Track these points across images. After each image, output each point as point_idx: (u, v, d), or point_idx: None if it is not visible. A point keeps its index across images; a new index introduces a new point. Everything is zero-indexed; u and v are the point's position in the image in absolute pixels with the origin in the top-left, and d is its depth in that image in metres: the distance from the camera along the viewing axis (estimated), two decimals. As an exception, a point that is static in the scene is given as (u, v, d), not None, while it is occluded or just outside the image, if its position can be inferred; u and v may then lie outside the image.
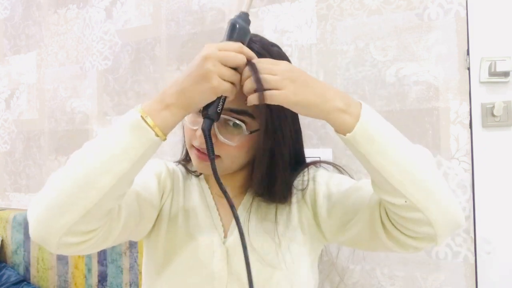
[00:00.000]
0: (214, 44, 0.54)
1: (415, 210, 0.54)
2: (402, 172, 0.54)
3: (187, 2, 1.27)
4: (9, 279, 1.35)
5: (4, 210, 1.51)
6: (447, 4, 0.97)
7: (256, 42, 0.66)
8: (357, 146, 0.55)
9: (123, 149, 0.52)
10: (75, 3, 1.48)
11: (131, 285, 1.19)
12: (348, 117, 0.55)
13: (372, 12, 1.03)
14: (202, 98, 0.54)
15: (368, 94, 1.03)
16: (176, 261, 0.70)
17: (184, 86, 0.53)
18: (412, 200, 0.54)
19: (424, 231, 0.56)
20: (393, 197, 0.55)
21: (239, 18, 0.58)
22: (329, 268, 1.05)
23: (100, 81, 1.42)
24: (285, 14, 1.13)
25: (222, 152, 0.65)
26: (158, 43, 1.32)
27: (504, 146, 0.92)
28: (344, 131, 0.55)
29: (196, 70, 0.52)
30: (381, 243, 0.62)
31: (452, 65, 0.96)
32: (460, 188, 0.95)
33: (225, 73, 0.53)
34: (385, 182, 0.54)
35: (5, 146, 1.63)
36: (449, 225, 0.56)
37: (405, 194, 0.54)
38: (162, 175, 0.75)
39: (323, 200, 0.71)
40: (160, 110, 0.53)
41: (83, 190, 0.50)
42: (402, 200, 0.54)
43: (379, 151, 0.54)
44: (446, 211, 0.56)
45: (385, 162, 0.54)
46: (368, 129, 0.54)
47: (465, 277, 0.94)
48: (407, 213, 0.55)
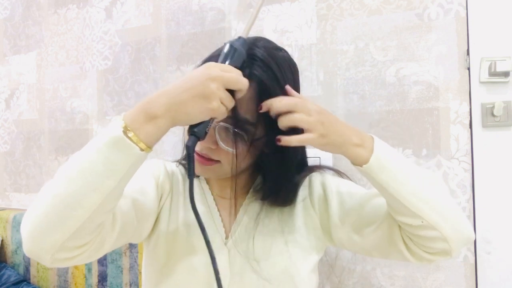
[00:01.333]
0: (218, 65, 0.54)
1: (431, 229, 0.59)
2: (417, 196, 0.59)
3: (187, 2, 1.27)
4: (9, 279, 1.35)
5: (4, 210, 1.51)
6: (447, 4, 0.97)
7: (260, 47, 0.64)
8: (374, 176, 0.59)
9: (107, 167, 0.49)
10: (75, 3, 1.48)
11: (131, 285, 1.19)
12: (363, 150, 0.59)
13: (372, 12, 1.03)
14: (196, 116, 0.53)
15: (368, 94, 1.03)
16: (177, 263, 0.70)
17: (179, 100, 0.51)
18: (429, 221, 0.58)
19: (440, 247, 0.61)
20: (410, 218, 0.59)
21: (238, 42, 0.58)
22: (329, 268, 1.05)
23: (100, 81, 1.42)
24: (285, 14, 1.13)
25: (222, 157, 0.65)
26: (158, 43, 1.32)
27: (504, 146, 0.92)
28: (360, 163, 0.59)
29: (198, 88, 0.51)
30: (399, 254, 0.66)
31: (452, 65, 0.96)
32: (460, 188, 0.95)
33: (225, 98, 0.53)
34: (402, 206, 0.59)
35: (5, 146, 1.63)
36: (462, 239, 0.61)
37: (422, 215, 0.58)
38: (161, 178, 0.74)
39: (336, 207, 0.71)
40: (144, 122, 0.51)
41: (70, 209, 0.49)
42: (419, 221, 0.59)
43: (394, 179, 0.59)
44: (458, 227, 0.60)
45: (400, 188, 0.58)
46: (382, 159, 0.59)
47: (465, 277, 0.94)
48: (424, 232, 0.60)
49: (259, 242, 0.70)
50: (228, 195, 0.75)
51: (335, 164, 1.05)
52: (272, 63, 0.63)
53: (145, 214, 0.68)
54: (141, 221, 0.67)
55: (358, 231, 0.69)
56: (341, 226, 0.70)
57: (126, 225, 0.61)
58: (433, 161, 0.97)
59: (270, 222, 0.72)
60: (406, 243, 0.64)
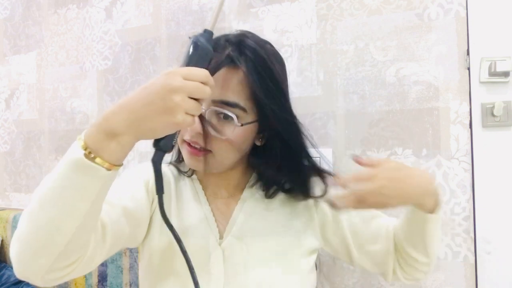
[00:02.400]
0: (179, 71, 0.48)
1: (428, 266, 0.71)
2: (437, 240, 0.68)
3: (187, 2, 1.27)
4: (9, 279, 1.35)
5: (4, 210, 1.51)
6: (447, 4, 0.97)
7: (249, 37, 0.67)
8: (430, 223, 0.65)
9: (77, 192, 0.47)
10: (75, 3, 1.48)
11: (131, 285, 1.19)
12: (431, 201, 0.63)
13: (372, 12, 1.03)
14: (161, 131, 0.49)
15: (368, 94, 1.03)
16: (172, 264, 0.69)
17: (140, 115, 0.47)
18: (432, 260, 0.70)
19: (420, 276, 0.73)
20: (421, 256, 0.69)
21: (202, 37, 0.53)
22: (329, 268, 1.05)
23: (100, 81, 1.42)
24: (285, 14, 1.13)
25: (213, 146, 0.64)
26: (158, 43, 1.32)
27: (504, 146, 0.92)
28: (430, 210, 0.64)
29: (160, 102, 0.46)
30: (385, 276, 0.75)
31: (452, 65, 0.96)
32: (460, 188, 0.95)
33: (190, 108, 0.48)
34: (423, 246, 0.67)
35: (5, 146, 1.63)
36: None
37: (431, 255, 0.69)
38: (150, 182, 0.73)
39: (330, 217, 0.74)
40: (106, 141, 0.47)
41: (50, 235, 0.48)
42: (426, 260, 0.69)
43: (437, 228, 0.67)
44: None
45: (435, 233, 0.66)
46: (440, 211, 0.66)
47: (465, 277, 0.94)
48: (421, 267, 0.71)
49: (254, 241, 0.70)
50: (222, 195, 0.75)
51: (335, 164, 1.05)
52: (260, 50, 0.65)
53: (137, 220, 0.67)
54: (134, 227, 0.66)
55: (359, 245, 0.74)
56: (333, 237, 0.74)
57: (118, 234, 0.61)
58: (433, 161, 0.97)
59: (266, 221, 0.72)
60: (396, 273, 0.74)
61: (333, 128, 1.06)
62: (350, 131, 1.04)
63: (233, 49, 0.64)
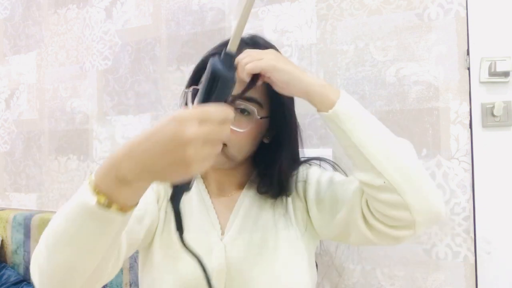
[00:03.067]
0: (192, 116, 0.40)
1: (392, 191, 0.56)
2: (382, 152, 0.57)
3: (187, 2, 1.27)
4: (9, 279, 1.35)
5: (4, 210, 1.51)
6: (447, 4, 0.97)
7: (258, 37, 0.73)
8: (339, 122, 0.58)
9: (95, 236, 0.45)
10: (75, 3, 1.48)
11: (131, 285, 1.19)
12: (331, 93, 0.59)
13: (372, 12, 1.03)
14: (176, 180, 0.45)
15: (368, 94, 1.03)
16: (174, 259, 0.70)
17: (150, 166, 0.41)
18: (389, 180, 0.56)
19: (402, 216, 0.57)
20: (371, 176, 0.57)
21: (221, 63, 0.45)
22: (329, 268, 1.05)
23: (100, 81, 1.42)
24: (285, 14, 1.13)
25: (229, 140, 0.67)
26: (158, 43, 1.32)
27: (504, 146, 0.92)
28: (326, 107, 0.59)
29: (172, 155, 0.40)
30: (361, 235, 0.63)
31: (452, 65, 0.96)
32: (460, 188, 0.95)
33: (207, 155, 0.42)
34: (364, 161, 0.57)
35: (5, 146, 1.63)
36: (427, 212, 0.57)
37: (382, 172, 0.56)
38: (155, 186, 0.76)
39: (314, 195, 0.73)
40: (118, 188, 0.43)
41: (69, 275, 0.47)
42: (380, 181, 0.56)
43: (360, 128, 0.58)
44: (424, 197, 0.57)
45: (365, 139, 0.57)
46: (349, 106, 0.59)
47: (465, 277, 0.94)
48: (385, 195, 0.56)
49: (256, 237, 0.71)
50: (225, 192, 0.77)
51: (335, 164, 1.05)
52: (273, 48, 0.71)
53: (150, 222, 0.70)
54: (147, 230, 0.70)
55: (333, 217, 0.69)
56: (318, 213, 0.71)
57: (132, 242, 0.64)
58: (433, 161, 0.97)
59: (267, 217, 0.73)
60: (365, 218, 0.61)
61: (333, 128, 1.06)
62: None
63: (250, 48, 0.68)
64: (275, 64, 0.60)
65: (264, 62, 0.60)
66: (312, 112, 1.08)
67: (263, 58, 0.60)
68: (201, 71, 0.72)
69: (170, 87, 1.29)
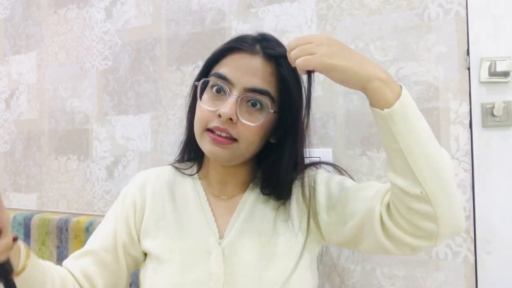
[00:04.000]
0: None
1: (426, 202, 0.54)
2: (426, 160, 0.54)
3: (187, 2, 1.27)
4: (9, 279, 1.35)
5: (4, 210, 1.51)
6: (447, 4, 0.97)
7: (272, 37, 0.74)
8: (391, 123, 0.54)
9: None
10: (75, 3, 1.48)
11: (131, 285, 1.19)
12: (390, 91, 0.54)
13: (372, 12, 1.03)
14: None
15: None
16: (172, 263, 0.70)
17: None
18: (427, 191, 0.53)
19: (427, 227, 0.56)
20: (408, 184, 0.55)
21: None
22: (329, 268, 1.05)
23: (100, 81, 1.42)
24: (285, 14, 1.13)
25: (240, 134, 0.66)
26: (158, 43, 1.32)
27: (504, 146, 0.92)
28: (382, 105, 0.54)
29: None
30: (377, 242, 0.62)
31: (452, 65, 0.96)
32: (460, 188, 0.95)
33: None
34: (406, 167, 0.54)
35: (5, 146, 1.63)
36: (452, 226, 0.57)
37: (423, 183, 0.53)
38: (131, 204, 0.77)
39: (323, 200, 0.71)
40: None
41: None
42: (418, 190, 0.54)
43: (413, 134, 0.54)
44: (454, 213, 0.56)
45: (414, 147, 0.54)
46: (408, 108, 0.54)
47: (465, 277, 0.94)
48: (417, 204, 0.55)
49: (255, 241, 0.70)
50: (227, 193, 0.76)
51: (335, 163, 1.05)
52: (282, 45, 0.72)
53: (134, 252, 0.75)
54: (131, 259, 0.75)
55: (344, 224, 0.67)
56: (328, 219, 0.70)
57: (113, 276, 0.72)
58: (433, 161, 0.97)
59: (267, 221, 0.72)
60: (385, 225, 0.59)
61: (333, 128, 1.06)
62: (350, 131, 1.04)
63: (264, 44, 0.69)
64: (329, 62, 0.55)
65: (317, 59, 0.56)
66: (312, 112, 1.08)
67: (315, 52, 0.56)
68: (212, 63, 0.72)
69: (170, 87, 1.29)
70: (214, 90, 0.68)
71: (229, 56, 0.69)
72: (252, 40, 0.70)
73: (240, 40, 0.71)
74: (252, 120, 0.66)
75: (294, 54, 0.58)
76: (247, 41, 0.69)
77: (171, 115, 1.28)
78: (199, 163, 0.79)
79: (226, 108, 0.64)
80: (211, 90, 0.69)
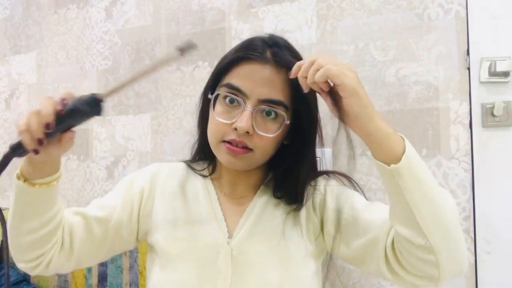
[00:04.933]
0: None
1: (430, 252, 0.54)
2: (432, 212, 0.53)
3: (187, 2, 1.27)
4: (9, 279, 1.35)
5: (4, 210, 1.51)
6: (447, 4, 0.97)
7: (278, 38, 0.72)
8: (398, 179, 0.53)
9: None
10: (75, 3, 1.48)
11: (131, 285, 1.19)
12: (394, 144, 0.53)
13: (372, 12, 1.03)
14: None
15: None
16: (180, 261, 0.70)
17: None
18: (431, 242, 0.53)
19: (428, 272, 0.56)
20: (414, 236, 0.54)
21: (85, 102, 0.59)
22: (329, 268, 1.05)
23: (100, 81, 1.42)
24: (285, 14, 1.13)
25: (256, 144, 0.66)
26: (158, 43, 1.32)
27: (504, 146, 0.92)
28: (387, 159, 0.53)
29: None
30: (378, 271, 0.62)
31: (452, 65, 0.96)
32: (460, 188, 0.95)
33: None
34: (412, 220, 0.54)
35: (5, 146, 1.63)
36: (453, 272, 0.57)
37: (427, 235, 0.53)
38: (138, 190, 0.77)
39: (332, 214, 0.71)
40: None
41: None
42: (422, 241, 0.54)
43: (418, 188, 0.53)
44: (456, 260, 0.56)
45: (420, 201, 0.53)
46: (413, 163, 0.53)
47: (465, 277, 0.94)
48: (421, 253, 0.55)
49: (263, 242, 0.70)
50: (238, 194, 0.76)
51: (334, 164, 1.05)
52: (293, 48, 0.71)
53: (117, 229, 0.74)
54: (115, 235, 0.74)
55: (346, 242, 0.68)
56: (335, 234, 0.70)
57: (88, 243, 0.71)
58: (433, 161, 0.97)
59: (276, 223, 0.72)
60: (389, 261, 0.60)
61: (333, 128, 1.06)
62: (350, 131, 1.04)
63: (274, 50, 0.67)
64: (357, 89, 0.55)
65: (349, 79, 0.54)
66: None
67: (347, 74, 0.54)
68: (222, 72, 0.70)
69: (170, 87, 1.29)
70: (227, 100, 0.67)
71: (240, 66, 0.67)
72: (262, 47, 0.68)
73: (249, 48, 0.68)
74: (268, 131, 0.66)
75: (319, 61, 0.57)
76: (257, 49, 0.67)
77: (171, 115, 1.28)
78: (212, 164, 0.79)
79: (243, 122, 0.64)
80: (224, 101, 0.68)
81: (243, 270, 0.68)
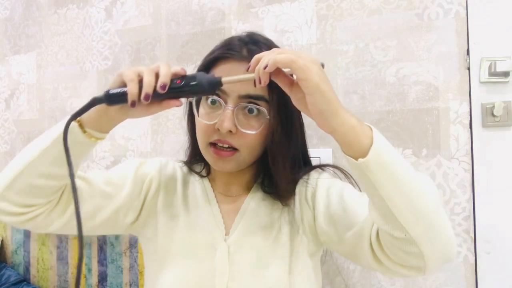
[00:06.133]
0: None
1: (411, 244, 0.53)
2: (408, 205, 0.51)
3: (187, 2, 1.27)
4: (9, 279, 1.36)
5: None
6: (447, 4, 0.97)
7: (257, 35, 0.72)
8: (369, 173, 0.51)
9: None
10: (75, 3, 1.48)
11: (131, 285, 1.19)
12: (362, 136, 0.51)
13: (372, 12, 1.03)
14: None
15: (368, 94, 1.03)
16: (177, 258, 0.71)
17: None
18: (411, 235, 0.52)
19: (414, 263, 0.55)
20: (392, 229, 0.53)
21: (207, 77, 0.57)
22: (329, 268, 1.05)
23: (100, 81, 1.42)
24: (285, 14, 1.13)
25: (241, 143, 0.67)
26: (158, 43, 1.32)
27: (504, 146, 0.92)
28: (355, 153, 0.51)
29: None
30: (368, 264, 0.61)
31: (452, 65, 0.96)
32: (460, 188, 0.95)
33: None
34: (389, 213, 0.52)
35: (5, 146, 1.63)
36: (441, 260, 0.56)
37: (406, 227, 0.52)
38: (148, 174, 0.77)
39: (322, 208, 0.70)
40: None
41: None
42: (401, 234, 0.52)
43: (391, 181, 0.51)
44: (441, 248, 0.55)
45: (394, 193, 0.51)
46: (383, 155, 0.51)
47: (465, 277, 0.94)
48: (403, 245, 0.54)
49: (259, 240, 0.70)
50: (232, 193, 0.77)
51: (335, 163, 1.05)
52: (273, 45, 0.70)
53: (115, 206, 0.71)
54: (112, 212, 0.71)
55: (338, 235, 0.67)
56: (326, 228, 0.69)
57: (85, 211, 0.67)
58: (433, 161, 0.97)
59: (270, 220, 0.72)
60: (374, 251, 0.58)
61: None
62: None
63: (251, 46, 0.67)
64: (319, 84, 0.51)
65: (312, 74, 0.50)
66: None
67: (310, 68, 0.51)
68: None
69: (170, 87, 1.29)
70: (209, 102, 0.68)
71: (219, 66, 0.68)
72: (239, 45, 0.68)
73: (227, 46, 0.69)
74: (251, 128, 0.66)
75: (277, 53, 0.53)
76: (234, 47, 0.68)
77: (171, 115, 1.28)
78: (207, 166, 0.80)
79: (224, 121, 0.64)
80: (206, 102, 0.69)
81: (240, 267, 0.69)
